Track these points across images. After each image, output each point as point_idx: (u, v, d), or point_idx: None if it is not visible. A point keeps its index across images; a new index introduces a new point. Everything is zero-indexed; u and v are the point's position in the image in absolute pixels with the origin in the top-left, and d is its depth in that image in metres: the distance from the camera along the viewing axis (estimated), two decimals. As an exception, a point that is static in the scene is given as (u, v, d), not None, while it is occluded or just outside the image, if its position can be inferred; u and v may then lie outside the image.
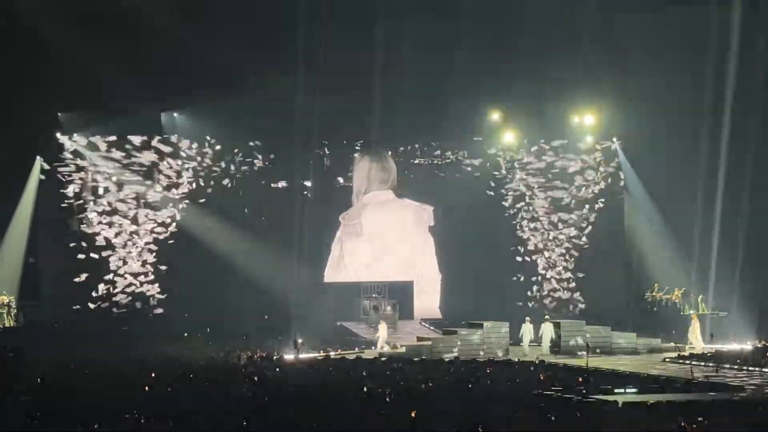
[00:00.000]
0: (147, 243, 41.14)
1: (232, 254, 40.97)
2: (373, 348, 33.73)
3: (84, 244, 40.10)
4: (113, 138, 40.83)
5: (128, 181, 41.16)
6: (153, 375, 23.80)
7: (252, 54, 37.07)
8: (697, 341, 34.32)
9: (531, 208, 44.02)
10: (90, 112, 39.96)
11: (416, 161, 44.19)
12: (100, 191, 40.83)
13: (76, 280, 39.70)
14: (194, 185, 41.82)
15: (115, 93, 37.85)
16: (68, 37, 36.57)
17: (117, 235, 40.88)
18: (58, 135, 40.48)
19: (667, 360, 31.19)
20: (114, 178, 40.96)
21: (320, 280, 42.35)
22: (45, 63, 37.73)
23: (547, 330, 33.72)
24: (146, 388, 20.93)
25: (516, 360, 30.25)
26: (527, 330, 33.75)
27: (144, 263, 41.00)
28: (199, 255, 40.82)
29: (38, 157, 40.39)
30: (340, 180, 43.69)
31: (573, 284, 43.60)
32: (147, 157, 41.24)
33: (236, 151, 42.28)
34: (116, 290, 40.43)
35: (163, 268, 40.85)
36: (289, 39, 38.65)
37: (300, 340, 31.28)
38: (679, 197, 40.74)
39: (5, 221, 40.11)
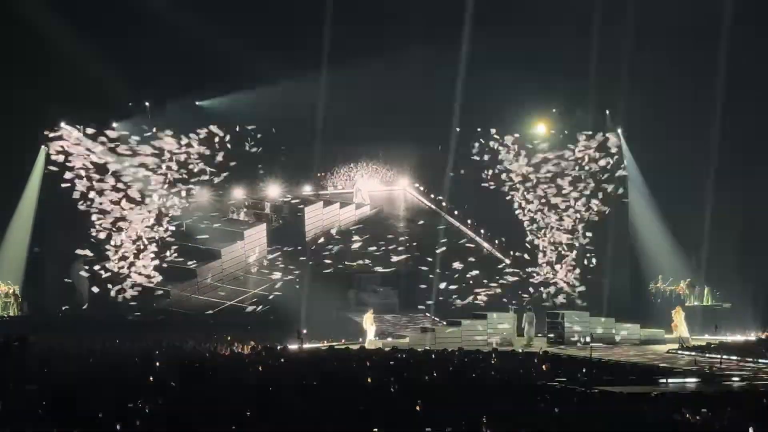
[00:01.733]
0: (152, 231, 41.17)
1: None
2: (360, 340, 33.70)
3: (89, 231, 40.13)
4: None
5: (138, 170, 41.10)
6: (158, 364, 23.88)
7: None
8: (682, 332, 34.44)
9: (532, 197, 43.92)
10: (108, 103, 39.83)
11: None
12: (109, 180, 40.73)
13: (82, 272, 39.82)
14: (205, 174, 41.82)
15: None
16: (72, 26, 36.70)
17: (123, 224, 40.85)
18: (63, 124, 40.46)
19: (670, 351, 31.25)
20: (126, 168, 40.89)
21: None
22: (46, 54, 37.75)
23: (527, 321, 34.05)
24: (151, 378, 20.98)
25: (520, 350, 30.28)
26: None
27: (152, 253, 40.99)
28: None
29: (43, 147, 40.38)
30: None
31: (577, 275, 43.58)
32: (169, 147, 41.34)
33: None
34: (121, 279, 40.45)
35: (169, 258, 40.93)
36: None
37: (304, 331, 31.29)
38: (684, 187, 40.70)
39: (10, 210, 40.14)
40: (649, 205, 43.03)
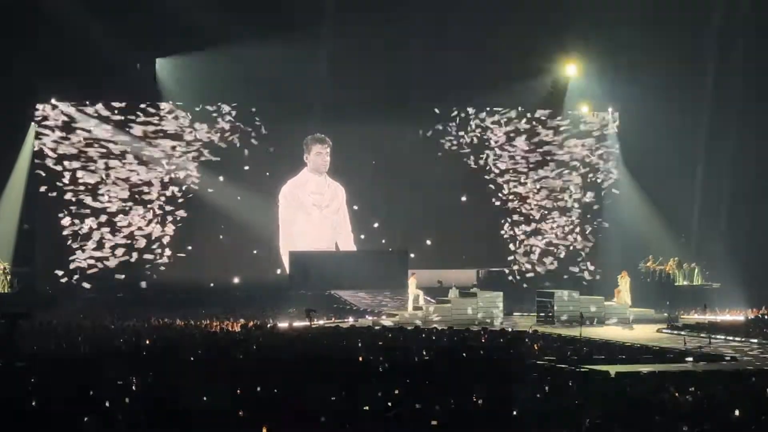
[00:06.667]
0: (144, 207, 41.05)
1: (232, 224, 41.28)
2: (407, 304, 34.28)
3: (79, 209, 39.99)
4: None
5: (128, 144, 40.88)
6: (148, 342, 23.90)
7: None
8: (624, 298, 34.52)
9: (519, 177, 43.84)
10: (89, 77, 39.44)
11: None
12: (96, 156, 40.51)
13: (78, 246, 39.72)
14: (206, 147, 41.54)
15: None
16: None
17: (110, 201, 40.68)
18: (54, 101, 40.22)
19: (660, 330, 31.36)
20: (114, 143, 40.68)
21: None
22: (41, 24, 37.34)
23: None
24: (143, 353, 21.00)
25: (510, 329, 30.34)
26: None
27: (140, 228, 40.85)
28: (199, 219, 40.94)
29: (33, 123, 40.19)
30: None
31: (566, 254, 43.64)
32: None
33: None
34: (109, 256, 40.35)
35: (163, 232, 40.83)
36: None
37: (313, 310, 31.09)
38: (675, 167, 40.71)
39: (-1, 187, 40.03)
40: (639, 184, 43.05)
